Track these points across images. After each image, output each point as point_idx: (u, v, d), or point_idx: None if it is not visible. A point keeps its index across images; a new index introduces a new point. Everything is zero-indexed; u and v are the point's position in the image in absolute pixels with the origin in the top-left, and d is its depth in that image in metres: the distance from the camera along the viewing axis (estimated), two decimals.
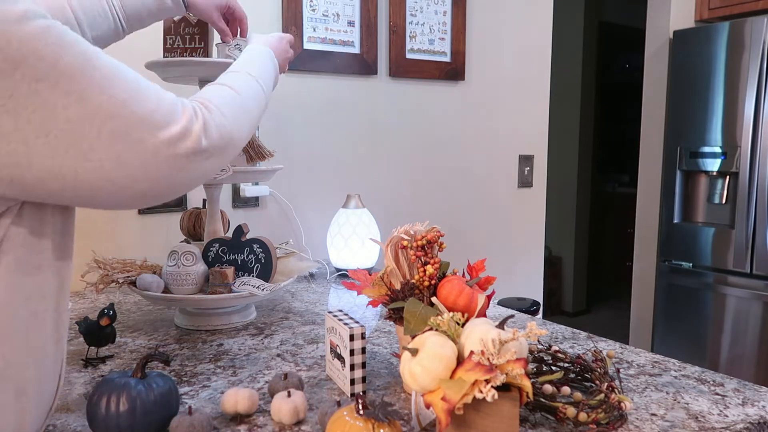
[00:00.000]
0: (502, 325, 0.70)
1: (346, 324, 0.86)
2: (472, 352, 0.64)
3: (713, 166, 2.67)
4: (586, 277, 4.65)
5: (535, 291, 2.45)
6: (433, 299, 0.81)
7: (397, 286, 0.88)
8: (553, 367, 0.88)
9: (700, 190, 2.81)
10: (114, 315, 0.98)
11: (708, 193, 2.75)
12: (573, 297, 4.58)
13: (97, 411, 0.70)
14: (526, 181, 2.36)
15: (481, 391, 0.61)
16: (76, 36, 0.59)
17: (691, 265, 2.78)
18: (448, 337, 0.69)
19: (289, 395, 0.78)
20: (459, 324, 0.72)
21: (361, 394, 0.73)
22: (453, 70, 2.08)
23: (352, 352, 0.84)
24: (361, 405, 0.64)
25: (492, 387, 0.61)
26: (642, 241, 3.08)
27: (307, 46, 1.77)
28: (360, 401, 0.64)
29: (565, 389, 0.79)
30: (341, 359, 0.87)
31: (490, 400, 0.61)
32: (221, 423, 0.78)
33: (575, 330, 1.17)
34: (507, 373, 0.63)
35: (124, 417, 0.69)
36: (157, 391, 0.72)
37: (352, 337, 0.84)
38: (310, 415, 0.80)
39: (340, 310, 0.93)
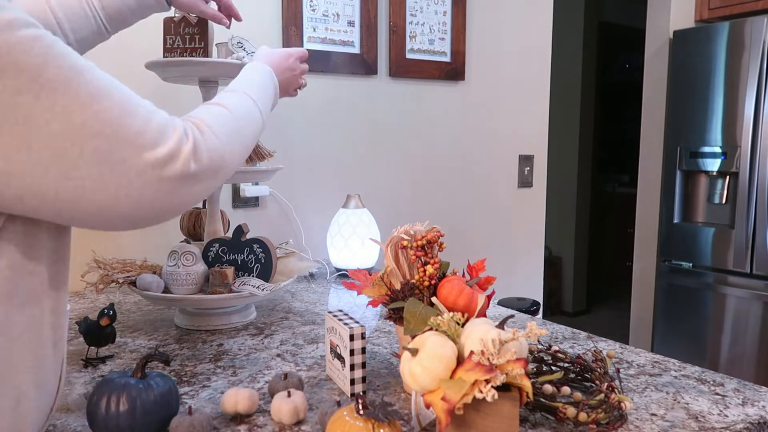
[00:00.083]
0: (502, 325, 0.70)
1: (346, 324, 0.86)
2: (472, 352, 0.64)
3: (713, 166, 2.67)
4: (586, 277, 4.65)
5: (535, 291, 2.45)
6: (433, 299, 0.81)
7: (397, 286, 0.88)
8: (553, 367, 0.88)
9: (700, 190, 2.81)
10: (114, 315, 0.98)
11: (708, 193, 2.75)
12: (573, 297, 4.58)
13: (97, 411, 0.70)
14: (526, 181, 2.36)
15: (481, 391, 0.61)
16: (67, 49, 0.56)
17: (691, 265, 2.78)
18: (448, 337, 0.69)
19: (289, 395, 0.78)
20: (459, 324, 0.72)
21: (361, 394, 0.73)
22: (453, 70, 2.08)
23: (352, 352, 0.84)
24: (361, 405, 0.64)
25: (492, 387, 0.61)
26: (642, 241, 3.08)
27: (307, 46, 1.77)
28: (360, 401, 0.64)
29: (565, 389, 0.79)
30: (341, 359, 0.87)
31: (490, 400, 0.61)
32: (221, 423, 0.78)
33: (575, 330, 1.17)
34: (507, 373, 0.63)
35: (124, 417, 0.69)
36: (157, 391, 0.72)
37: (352, 337, 0.84)
38: (310, 415, 0.80)
39: (340, 310, 0.93)
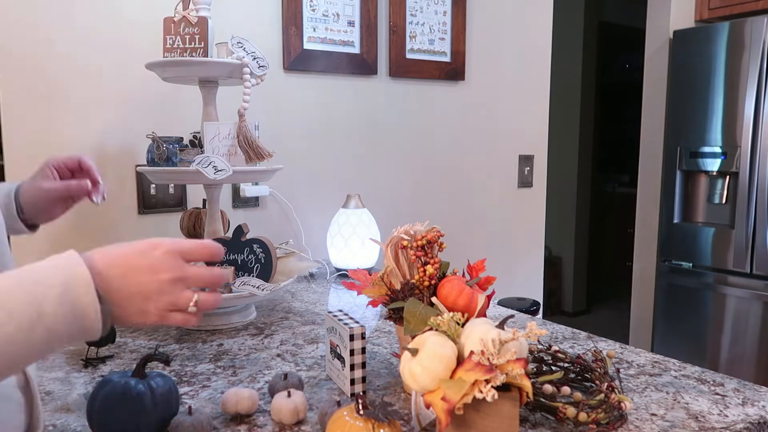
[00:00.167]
0: (502, 325, 0.70)
1: (346, 324, 0.86)
2: (472, 352, 0.64)
3: (713, 166, 2.67)
4: (586, 277, 4.65)
5: (535, 291, 2.45)
6: (433, 299, 0.81)
7: (397, 286, 0.88)
8: (553, 367, 0.88)
9: (700, 190, 2.80)
10: None
11: (708, 193, 2.75)
12: (573, 297, 4.58)
13: (97, 411, 0.70)
14: (526, 181, 2.36)
15: (481, 391, 0.61)
16: None
17: (691, 265, 2.78)
18: (448, 337, 0.69)
19: (289, 395, 0.78)
20: (459, 324, 0.72)
21: (361, 394, 0.73)
22: (453, 70, 2.08)
23: (352, 352, 0.84)
24: (361, 405, 0.64)
25: (492, 387, 0.61)
26: (642, 241, 3.08)
27: (307, 46, 1.77)
28: (360, 401, 0.64)
29: (565, 389, 0.79)
30: (341, 359, 0.87)
31: (490, 400, 0.61)
32: (221, 423, 0.78)
33: (575, 330, 1.17)
34: (507, 373, 0.63)
35: (124, 417, 0.69)
36: (157, 391, 0.72)
37: (352, 337, 0.84)
38: (310, 415, 0.80)
39: (340, 310, 0.93)
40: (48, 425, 0.78)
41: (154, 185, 1.57)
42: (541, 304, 2.32)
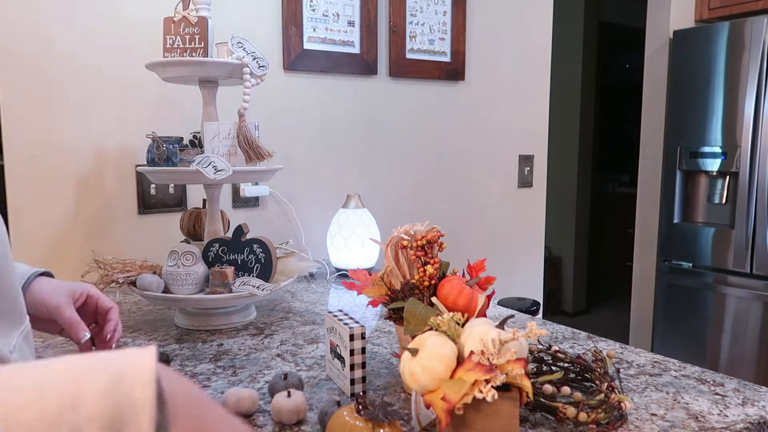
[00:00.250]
0: (502, 325, 0.70)
1: (346, 324, 0.86)
2: (472, 352, 0.64)
3: (713, 166, 2.67)
4: (586, 277, 4.65)
5: (535, 291, 2.45)
6: (433, 299, 0.81)
7: (397, 286, 0.88)
8: (553, 367, 0.88)
9: (700, 190, 2.81)
10: None
11: (708, 193, 2.75)
12: (573, 297, 4.58)
13: None
14: (526, 181, 2.36)
15: (481, 391, 0.61)
16: None
17: (691, 265, 2.78)
18: (448, 337, 0.69)
19: (289, 395, 0.78)
20: (459, 324, 0.72)
21: (361, 394, 0.73)
22: (453, 70, 2.08)
23: (352, 352, 0.84)
24: (361, 405, 0.64)
25: (492, 387, 0.61)
26: (642, 241, 3.08)
27: (307, 46, 1.77)
28: (360, 401, 0.64)
29: (565, 389, 0.79)
30: (341, 359, 0.87)
31: (490, 400, 0.61)
32: None
33: (575, 330, 1.17)
34: (507, 373, 0.63)
35: None
36: None
37: (352, 337, 0.84)
38: (310, 415, 0.80)
39: (340, 310, 0.93)
40: None
41: (154, 185, 1.57)
42: (541, 304, 2.32)
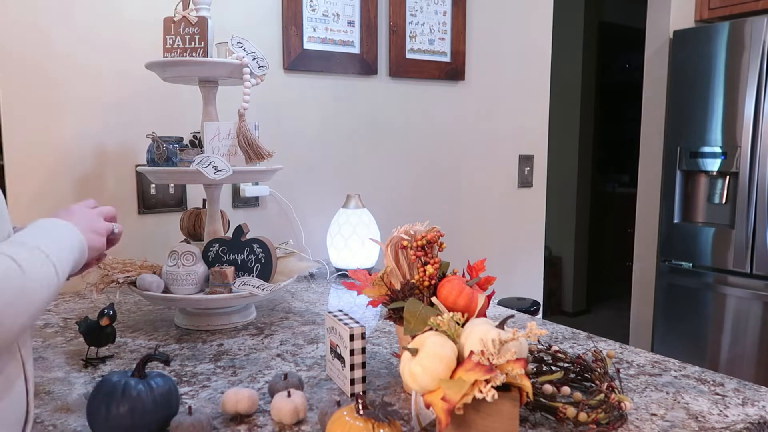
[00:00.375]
0: (502, 325, 0.70)
1: (346, 324, 0.86)
2: (472, 352, 0.64)
3: (713, 166, 2.67)
4: (586, 277, 4.65)
5: (535, 291, 2.45)
6: (433, 299, 0.81)
7: (397, 286, 0.88)
8: (553, 367, 0.88)
9: (700, 190, 2.80)
10: (114, 315, 0.98)
11: (708, 193, 2.75)
12: (573, 297, 4.58)
13: (97, 411, 0.70)
14: (526, 181, 2.36)
15: (481, 391, 0.61)
16: None
17: (691, 265, 2.78)
18: (448, 337, 0.69)
19: (289, 395, 0.78)
20: (459, 324, 0.72)
21: (361, 394, 0.73)
22: (453, 70, 2.08)
23: (352, 352, 0.84)
24: (361, 405, 0.64)
25: (492, 387, 0.61)
26: (642, 241, 3.08)
27: (307, 46, 1.77)
28: (360, 401, 0.64)
29: (565, 389, 0.79)
30: (341, 359, 0.87)
31: (490, 400, 0.61)
32: (221, 423, 0.78)
33: (575, 330, 1.17)
34: (507, 373, 0.63)
35: (124, 417, 0.69)
36: (157, 391, 0.72)
37: (352, 337, 0.84)
38: (310, 415, 0.80)
39: (340, 310, 0.93)
40: (48, 425, 0.78)
41: (154, 185, 1.57)
42: (541, 304, 2.32)
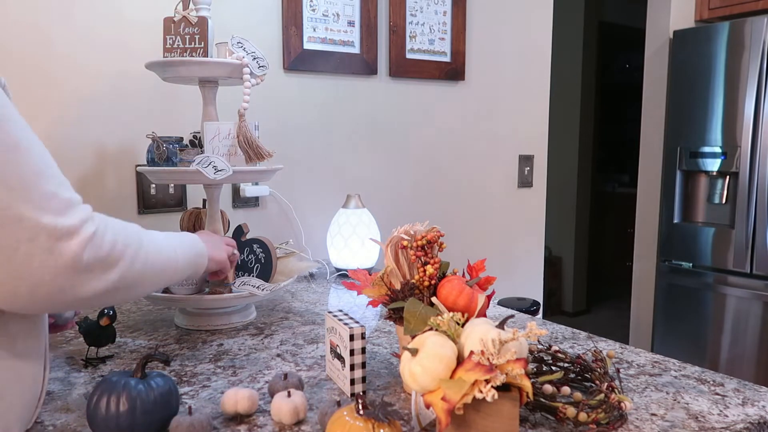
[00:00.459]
0: (502, 325, 0.70)
1: (346, 324, 0.86)
2: (472, 352, 0.64)
3: (713, 166, 2.67)
4: (586, 277, 4.65)
5: (535, 291, 2.45)
6: (433, 299, 0.81)
7: (397, 286, 0.88)
8: (553, 367, 0.88)
9: (700, 190, 2.80)
10: (114, 315, 0.98)
11: (708, 193, 2.75)
12: (573, 297, 4.58)
13: (97, 411, 0.70)
14: (526, 181, 2.36)
15: (481, 391, 0.61)
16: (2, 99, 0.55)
17: (691, 265, 2.78)
18: (448, 337, 0.69)
19: (289, 395, 0.78)
20: (459, 324, 0.72)
21: (361, 394, 0.73)
22: (453, 70, 2.08)
23: (352, 352, 0.84)
24: (361, 405, 0.64)
25: (492, 387, 0.61)
26: (642, 241, 3.08)
27: (307, 46, 1.77)
28: (360, 401, 0.64)
29: (565, 389, 0.79)
30: (341, 359, 0.87)
31: (490, 400, 0.61)
32: (221, 423, 0.78)
33: (575, 330, 1.17)
34: (507, 373, 0.63)
35: (124, 417, 0.69)
36: (157, 391, 0.72)
37: (352, 337, 0.84)
38: (310, 415, 0.80)
39: (340, 310, 0.93)
40: (48, 425, 0.78)
41: (154, 185, 1.57)
42: (541, 304, 2.32)
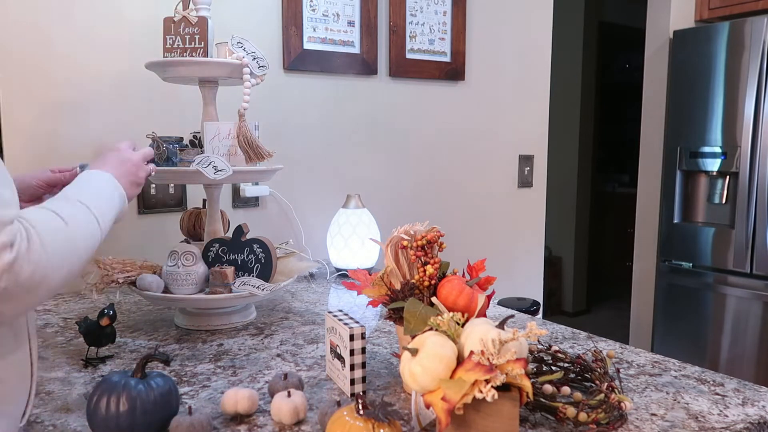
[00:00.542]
0: (502, 325, 0.70)
1: (346, 324, 0.86)
2: (472, 352, 0.64)
3: (713, 166, 2.67)
4: (586, 277, 4.64)
5: (535, 291, 2.45)
6: (433, 299, 0.81)
7: (397, 286, 0.88)
8: (553, 367, 0.88)
9: (700, 190, 2.80)
10: (114, 315, 0.98)
11: (708, 193, 2.75)
12: (573, 297, 4.58)
13: (97, 411, 0.70)
14: (526, 181, 2.36)
15: (481, 391, 0.61)
16: None
17: (691, 265, 2.78)
18: (448, 337, 0.69)
19: (289, 395, 0.78)
20: (459, 324, 0.72)
21: (361, 394, 0.73)
22: (453, 70, 2.08)
23: (352, 352, 0.84)
24: (361, 405, 0.64)
25: (492, 387, 0.61)
26: (642, 241, 3.08)
27: (307, 46, 1.77)
28: (360, 401, 0.64)
29: (565, 389, 0.79)
30: (341, 359, 0.87)
31: (490, 400, 0.61)
32: (221, 423, 0.78)
33: (575, 330, 1.17)
34: (507, 373, 0.63)
35: (124, 417, 0.69)
36: (157, 391, 0.72)
37: (352, 337, 0.84)
38: (310, 415, 0.80)
39: (340, 310, 0.93)
40: (48, 425, 0.78)
41: (154, 185, 1.57)
42: (541, 304, 2.32)
